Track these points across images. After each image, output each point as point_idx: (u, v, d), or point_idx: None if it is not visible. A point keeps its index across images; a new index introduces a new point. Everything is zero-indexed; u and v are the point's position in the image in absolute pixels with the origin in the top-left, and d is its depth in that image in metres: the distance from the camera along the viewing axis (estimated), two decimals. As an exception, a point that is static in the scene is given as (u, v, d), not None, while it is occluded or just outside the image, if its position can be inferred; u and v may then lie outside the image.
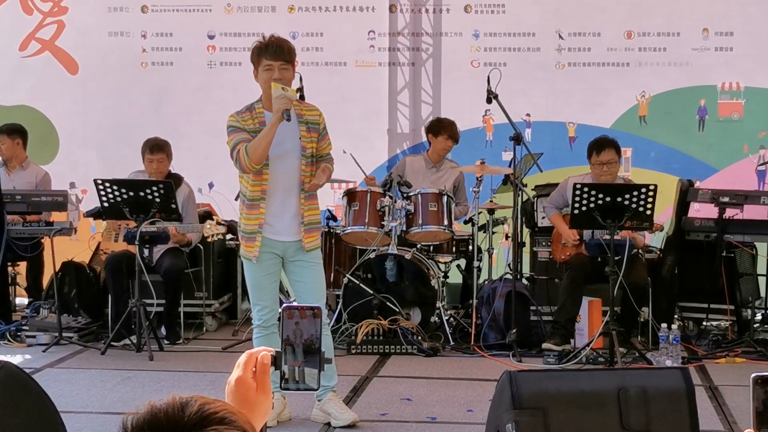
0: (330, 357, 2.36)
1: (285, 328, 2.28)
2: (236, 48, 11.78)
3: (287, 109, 6.48)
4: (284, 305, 2.30)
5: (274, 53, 6.68)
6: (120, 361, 8.82)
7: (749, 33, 11.31)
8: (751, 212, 9.78)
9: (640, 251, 9.65)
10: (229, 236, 10.49)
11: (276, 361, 2.27)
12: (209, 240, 9.40)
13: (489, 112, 11.30)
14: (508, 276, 9.67)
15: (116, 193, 9.19)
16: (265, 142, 6.54)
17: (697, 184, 10.55)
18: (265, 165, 6.65)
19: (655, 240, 10.37)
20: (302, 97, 9.75)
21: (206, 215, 10.13)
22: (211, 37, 11.85)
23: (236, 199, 9.62)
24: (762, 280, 10.09)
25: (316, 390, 2.30)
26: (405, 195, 9.81)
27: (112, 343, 9.20)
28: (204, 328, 10.28)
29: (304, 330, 2.28)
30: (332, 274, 10.05)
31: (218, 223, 9.19)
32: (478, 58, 11.55)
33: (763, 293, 10.14)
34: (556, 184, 9.89)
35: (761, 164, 10.78)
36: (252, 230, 6.75)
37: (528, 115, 11.49)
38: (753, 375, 2.23)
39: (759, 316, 10.13)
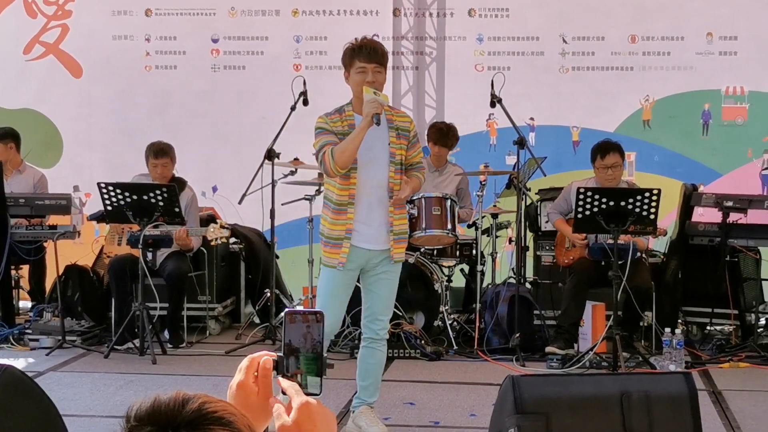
0: (332, 363, 2.34)
1: (287, 333, 2.27)
2: (240, 52, 11.79)
3: (378, 113, 6.27)
4: (286, 310, 2.29)
5: (368, 55, 6.49)
6: (123, 365, 8.82)
7: (754, 37, 11.30)
8: (755, 217, 9.78)
9: (643, 255, 9.64)
10: (232, 240, 10.49)
11: (278, 365, 2.26)
12: (212, 243, 9.40)
13: (493, 116, 11.30)
14: (512, 280, 9.66)
15: (120, 196, 9.18)
16: (353, 146, 6.32)
17: (701, 189, 10.56)
18: (353, 169, 6.42)
19: (658, 244, 10.37)
20: (306, 101, 9.77)
21: (210, 219, 10.13)
22: (215, 41, 11.86)
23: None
24: (766, 285, 10.08)
25: (318, 395, 2.29)
26: (408, 199, 9.78)
27: (115, 346, 9.20)
28: (207, 332, 10.27)
29: (306, 335, 2.27)
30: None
31: (222, 227, 9.20)
32: (482, 62, 11.54)
33: (767, 298, 10.13)
34: (560, 188, 9.89)
35: (765, 168, 10.77)
36: (339, 236, 6.46)
37: (532, 119, 11.48)
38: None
39: (763, 321, 10.13)
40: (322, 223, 6.61)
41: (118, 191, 9.19)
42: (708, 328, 10.02)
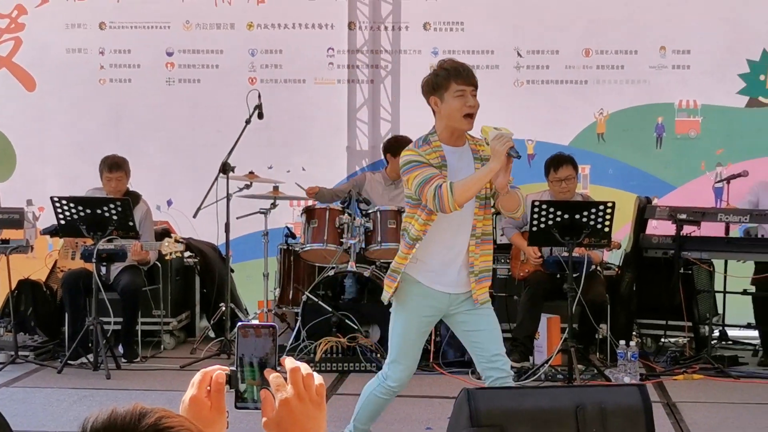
0: None
1: (240, 347, 2.26)
2: (195, 65, 11.75)
3: (511, 147, 5.64)
4: (239, 323, 2.28)
5: (467, 77, 5.94)
6: (77, 380, 8.76)
7: (706, 51, 11.39)
8: (709, 229, 9.83)
9: (598, 268, 9.69)
10: (187, 254, 10.45)
11: (231, 380, 2.25)
12: (167, 258, 9.36)
13: (448, 130, 11.30)
14: (467, 293, 9.65)
15: (73, 210, 9.13)
16: (479, 186, 5.69)
17: (655, 201, 10.62)
18: None
19: (613, 257, 10.41)
20: (261, 115, 9.75)
21: (164, 233, 10.09)
22: (169, 54, 11.81)
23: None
24: (719, 297, 10.15)
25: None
26: (364, 212, 9.81)
27: (69, 361, 9.14)
28: (162, 347, 10.22)
29: (260, 349, 2.26)
30: (291, 292, 10.03)
31: (176, 241, 9.16)
32: (437, 75, 11.54)
33: (720, 310, 10.19)
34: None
35: (718, 181, 10.84)
36: (395, 268, 5.97)
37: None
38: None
39: (716, 333, 10.19)
40: (397, 258, 6.01)
41: (72, 205, 9.13)
42: (662, 340, 10.08)
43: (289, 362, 2.18)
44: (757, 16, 11.36)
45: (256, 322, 2.57)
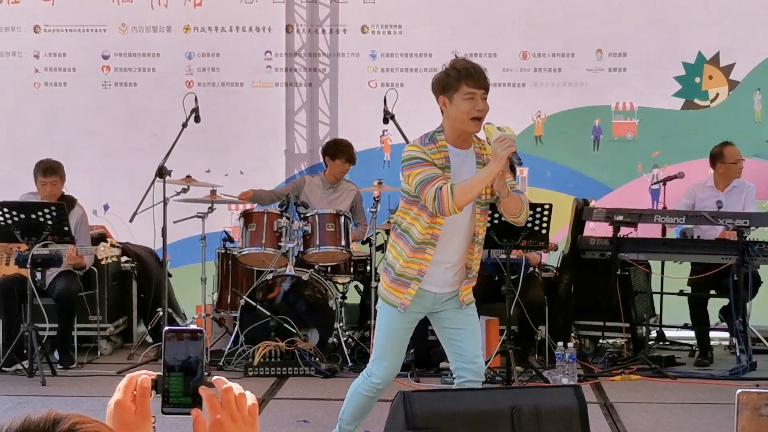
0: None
1: (167, 352, 2.25)
2: (131, 68, 11.66)
3: (514, 152, 5.57)
4: (166, 328, 2.26)
5: (478, 79, 5.81)
6: (11, 387, 8.66)
7: (642, 53, 11.46)
8: (645, 230, 9.91)
9: (536, 270, 9.72)
10: (124, 258, 10.37)
11: (157, 384, 2.23)
12: (103, 263, 9.26)
13: (386, 133, 11.31)
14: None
15: (7, 215, 9.03)
16: (480, 188, 5.63)
17: (593, 203, 10.66)
18: None
19: (551, 259, 10.46)
20: (198, 118, 9.69)
21: (100, 237, 9.99)
22: (105, 57, 11.71)
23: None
24: (656, 298, 10.23)
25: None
26: (302, 216, 9.78)
27: (3, 368, 9.05)
28: (98, 352, 10.13)
29: (187, 353, 2.24)
30: (229, 296, 9.98)
31: (112, 246, 9.07)
32: (375, 78, 11.56)
33: (657, 310, 10.27)
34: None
35: (655, 183, 10.91)
36: (411, 276, 5.81)
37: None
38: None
39: (654, 334, 10.26)
40: (394, 255, 5.89)
41: (6, 210, 9.03)
42: (600, 341, 10.13)
43: (221, 382, 2.17)
44: (692, 19, 11.46)
45: (183, 326, 2.55)
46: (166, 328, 2.26)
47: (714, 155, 10.09)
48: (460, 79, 5.78)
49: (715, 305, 10.05)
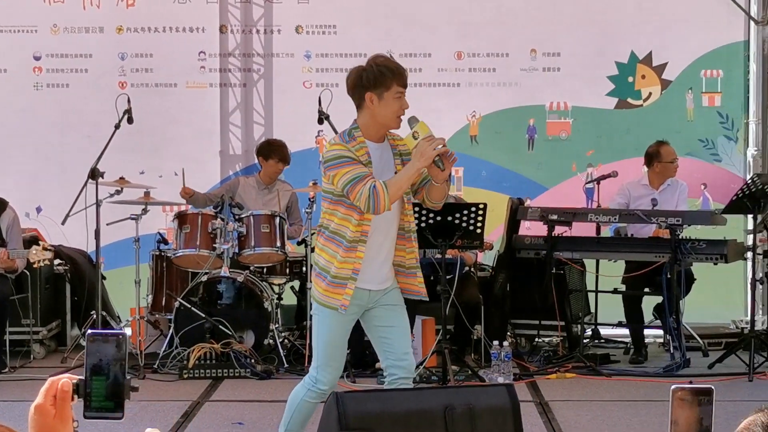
0: None
1: (89, 356, 2.22)
2: (64, 69, 11.53)
3: (443, 153, 5.67)
4: (88, 332, 2.24)
5: (405, 80, 5.88)
6: (-58, 392, 8.55)
7: (575, 53, 11.53)
8: (580, 229, 9.96)
9: (471, 270, 9.75)
10: (57, 261, 10.27)
11: (78, 388, 2.21)
12: (36, 266, 9.15)
13: (322, 133, 11.28)
14: (342, 297, 9.63)
15: (-63, 218, 8.91)
16: (408, 184, 5.74)
17: (528, 203, 10.71)
18: None
19: (487, 258, 10.49)
20: (130, 119, 9.63)
21: (33, 240, 9.88)
22: (37, 59, 11.57)
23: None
24: (591, 296, 10.28)
25: (121, 418, 2.23)
26: (237, 217, 9.73)
27: (-66, 373, 8.92)
28: (31, 356, 10.01)
29: (108, 357, 2.22)
30: (164, 299, 9.92)
31: (45, 249, 8.97)
32: (310, 78, 11.53)
33: (592, 309, 10.33)
34: (390, 204, 9.91)
35: (589, 182, 10.97)
36: (345, 276, 5.76)
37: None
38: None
39: (589, 332, 10.32)
40: (327, 259, 5.80)
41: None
42: (536, 340, 10.17)
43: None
44: (625, 19, 11.54)
45: (106, 330, 2.53)
46: (89, 331, 2.24)
47: (651, 154, 10.16)
48: (393, 78, 5.80)
49: (649, 303, 10.14)
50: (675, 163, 10.17)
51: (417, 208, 8.67)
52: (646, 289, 9.95)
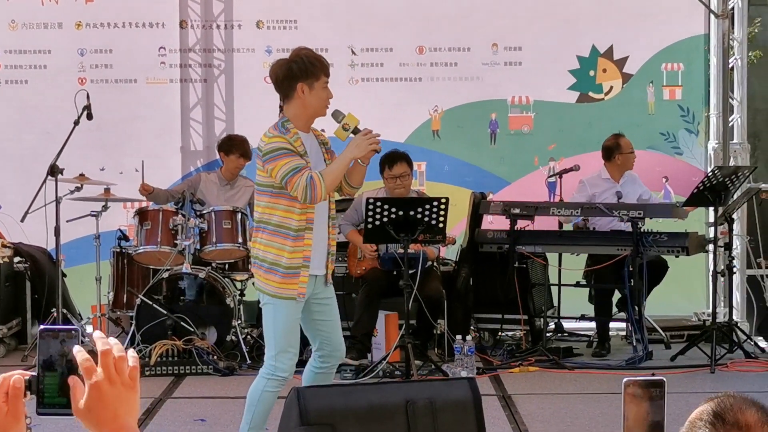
0: None
1: (41, 351, 2.19)
2: (22, 66, 11.43)
3: (377, 150, 6.15)
4: (40, 328, 2.20)
5: (329, 70, 6.25)
6: None
7: (537, 48, 11.53)
8: (542, 223, 9.98)
9: (434, 264, 9.74)
10: (16, 259, 10.20)
11: (31, 385, 2.17)
12: (-5, 263, 9.10)
13: (283, 129, 11.22)
14: (305, 292, 9.61)
15: None
16: (342, 173, 6.05)
17: (490, 197, 10.73)
18: None
19: (450, 252, 10.48)
20: (90, 116, 9.58)
21: (-9, 238, 9.82)
22: (-6, 55, 11.47)
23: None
24: (554, 290, 10.30)
25: (72, 415, 2.20)
26: (198, 213, 9.69)
27: None
28: (-8, 355, 9.95)
29: (61, 352, 2.19)
30: (125, 295, 9.86)
31: (4, 246, 8.92)
32: (271, 74, 11.46)
33: (555, 302, 10.34)
34: (352, 199, 9.90)
35: (551, 176, 10.98)
36: (297, 265, 5.95)
37: (323, 130, 11.41)
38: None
39: (552, 325, 10.34)
40: (276, 252, 5.98)
41: None
42: (499, 333, 10.17)
43: (100, 344, 2.11)
44: (586, 13, 11.56)
45: (58, 326, 2.50)
46: (41, 327, 2.21)
47: (610, 147, 10.18)
48: (321, 69, 6.14)
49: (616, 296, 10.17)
50: (634, 153, 10.21)
51: (378, 203, 8.67)
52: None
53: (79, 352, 2.12)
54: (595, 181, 10.19)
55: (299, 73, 6.07)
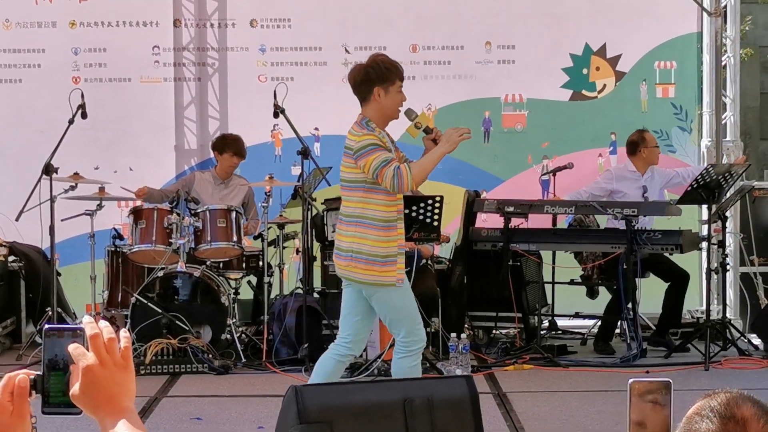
0: None
1: (47, 351, 2.20)
2: (17, 65, 11.43)
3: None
4: (45, 327, 2.21)
5: (403, 75, 6.58)
6: None
7: (530, 46, 11.55)
8: (536, 221, 10.00)
9: (429, 262, 9.75)
10: (11, 258, 10.19)
11: (36, 384, 2.19)
12: (-11, 262, 9.10)
13: (277, 127, 11.25)
14: (299, 291, 9.64)
15: None
16: (432, 168, 6.60)
17: (484, 195, 10.73)
18: None
19: (444, 251, 10.49)
20: (84, 114, 9.59)
21: (-14, 237, 9.81)
22: (-12, 54, 11.46)
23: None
24: (548, 287, 10.32)
25: (79, 413, 2.21)
26: (193, 212, 9.69)
27: None
28: (-14, 354, 9.95)
29: (66, 352, 2.20)
30: (120, 294, 9.86)
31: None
32: (265, 72, 11.49)
33: (549, 300, 10.37)
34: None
35: (545, 174, 11.01)
36: (393, 253, 6.39)
37: (317, 129, 11.48)
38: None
39: (546, 323, 10.36)
40: (371, 244, 6.38)
41: None
42: (493, 331, 10.20)
43: (89, 328, 2.12)
44: (579, 11, 11.58)
45: (64, 325, 2.52)
46: (46, 326, 2.22)
47: (635, 141, 10.20)
48: (396, 74, 6.49)
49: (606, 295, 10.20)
50: (658, 148, 10.28)
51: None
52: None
53: (72, 345, 2.14)
54: (622, 173, 10.22)
55: (376, 78, 6.46)
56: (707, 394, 2.30)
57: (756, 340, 9.96)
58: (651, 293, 10.12)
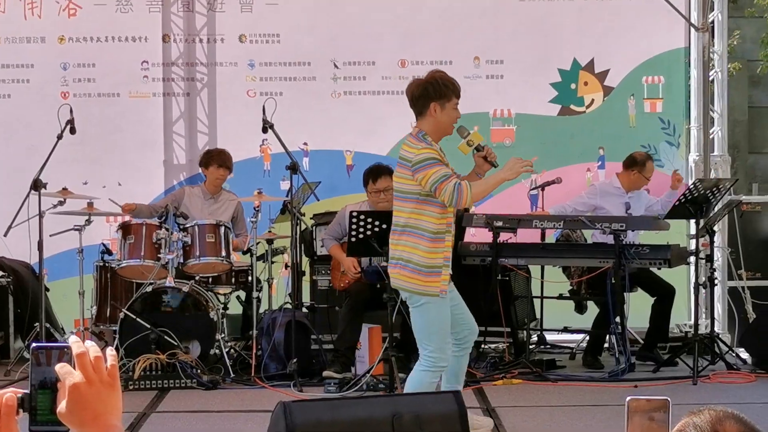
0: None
1: (34, 370, 2.20)
2: (5, 80, 11.42)
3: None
4: (33, 346, 2.21)
5: (460, 93, 6.73)
6: None
7: (518, 61, 11.57)
8: (525, 236, 10.01)
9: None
10: (0, 273, 10.18)
11: (23, 402, 2.19)
12: (-22, 278, 9.08)
13: (266, 142, 11.25)
14: (288, 306, 9.64)
15: None
16: (491, 190, 6.99)
17: (472, 210, 10.74)
18: None
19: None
20: (73, 130, 9.59)
21: (-26, 252, 9.80)
22: (-23, 69, 11.46)
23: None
24: (537, 302, 10.33)
25: (67, 431, 2.21)
26: (181, 226, 9.69)
27: None
28: (-26, 370, 9.92)
29: (53, 370, 2.20)
30: (108, 310, 9.85)
31: (-13, 260, 8.91)
32: (254, 87, 11.50)
33: (538, 315, 10.37)
34: (335, 213, 9.94)
35: (533, 189, 11.03)
36: (439, 264, 6.57)
37: (305, 144, 11.49)
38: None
39: (534, 338, 10.37)
40: (420, 254, 6.57)
41: None
42: (482, 346, 10.19)
43: (75, 347, 2.13)
44: (567, 26, 11.61)
45: (51, 343, 2.52)
46: (33, 345, 2.22)
47: (637, 160, 10.22)
48: (454, 92, 6.67)
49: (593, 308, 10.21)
50: (649, 181, 10.32)
51: (362, 217, 8.70)
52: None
53: (58, 364, 2.14)
54: (606, 188, 10.28)
55: (433, 93, 6.63)
56: (691, 412, 2.31)
57: (744, 355, 9.98)
58: (639, 307, 10.14)
